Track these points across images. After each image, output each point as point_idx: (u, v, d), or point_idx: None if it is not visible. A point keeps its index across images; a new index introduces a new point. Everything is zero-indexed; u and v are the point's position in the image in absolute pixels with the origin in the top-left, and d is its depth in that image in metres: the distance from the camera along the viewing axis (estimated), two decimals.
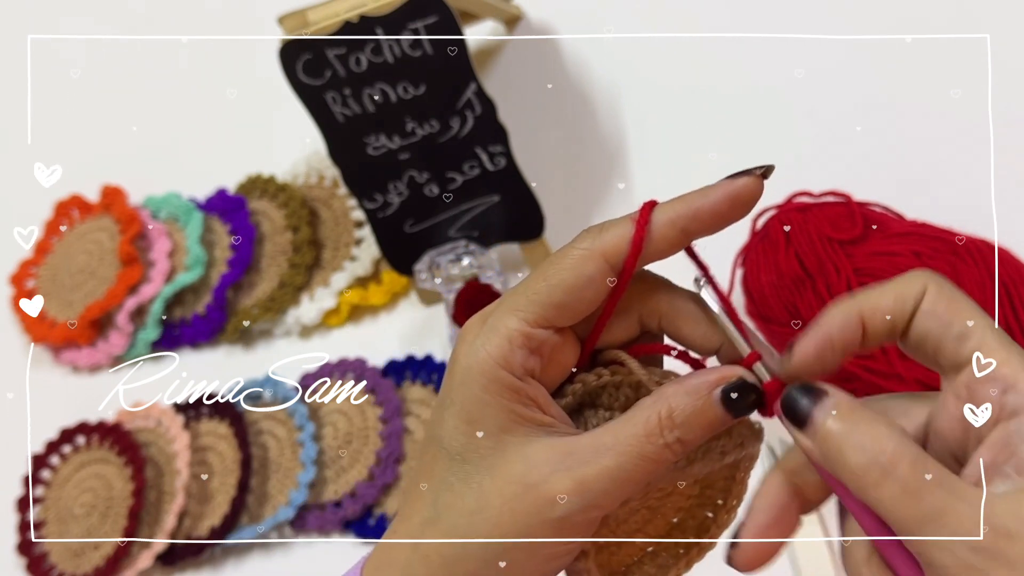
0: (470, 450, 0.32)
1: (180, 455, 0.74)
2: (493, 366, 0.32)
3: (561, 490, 0.31)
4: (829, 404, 0.30)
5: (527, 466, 0.31)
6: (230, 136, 0.90)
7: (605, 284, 0.33)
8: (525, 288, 0.33)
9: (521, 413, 0.32)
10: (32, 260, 0.87)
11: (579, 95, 0.85)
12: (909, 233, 0.64)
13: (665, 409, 0.32)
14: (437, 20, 0.69)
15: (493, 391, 0.32)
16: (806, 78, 0.80)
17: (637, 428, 0.32)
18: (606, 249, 0.32)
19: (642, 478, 0.32)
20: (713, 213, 0.32)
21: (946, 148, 0.75)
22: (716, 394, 0.32)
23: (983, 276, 0.60)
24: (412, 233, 0.77)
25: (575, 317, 0.33)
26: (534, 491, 0.31)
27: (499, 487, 0.31)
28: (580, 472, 0.31)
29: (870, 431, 0.29)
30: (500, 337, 0.32)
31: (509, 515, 0.31)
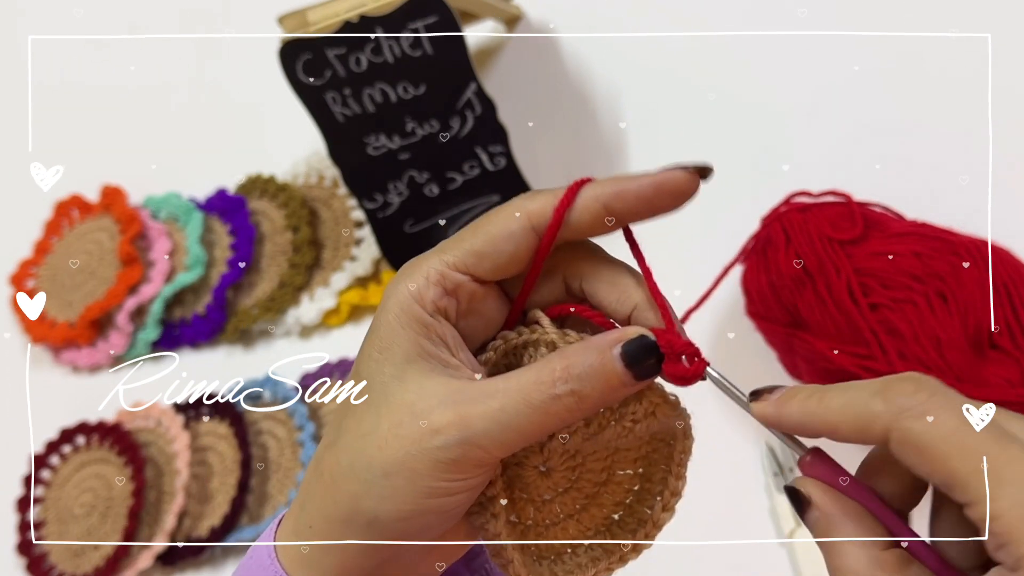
0: (376, 376, 0.34)
1: (180, 455, 0.74)
2: (407, 298, 0.33)
3: (442, 423, 0.32)
4: (812, 517, 0.32)
5: (418, 396, 0.32)
6: (230, 136, 0.90)
7: (526, 243, 0.34)
8: (454, 237, 0.35)
9: (427, 348, 0.33)
10: (32, 260, 0.87)
11: (579, 95, 0.85)
12: (909, 233, 0.64)
13: (562, 362, 0.32)
14: (437, 20, 0.69)
15: (403, 322, 0.33)
16: (807, 77, 0.80)
17: (530, 376, 0.32)
18: (531, 211, 0.34)
19: (527, 426, 0.32)
20: (637, 196, 0.33)
21: (946, 148, 0.75)
22: (616, 350, 0.32)
23: (983, 276, 0.60)
24: (412, 233, 0.77)
25: (496, 270, 0.34)
26: (418, 419, 0.32)
27: (390, 412, 0.33)
28: (464, 408, 0.32)
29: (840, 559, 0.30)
30: (419, 274, 0.34)
31: (394, 440, 0.32)
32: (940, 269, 0.61)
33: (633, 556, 0.38)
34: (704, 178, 0.33)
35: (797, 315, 0.65)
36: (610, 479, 0.38)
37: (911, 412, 0.29)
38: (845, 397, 0.30)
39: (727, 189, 0.78)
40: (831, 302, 0.63)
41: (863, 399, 0.30)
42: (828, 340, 0.63)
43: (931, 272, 0.61)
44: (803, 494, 0.32)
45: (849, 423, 0.30)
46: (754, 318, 0.68)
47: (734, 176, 0.78)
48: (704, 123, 0.82)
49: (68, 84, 0.93)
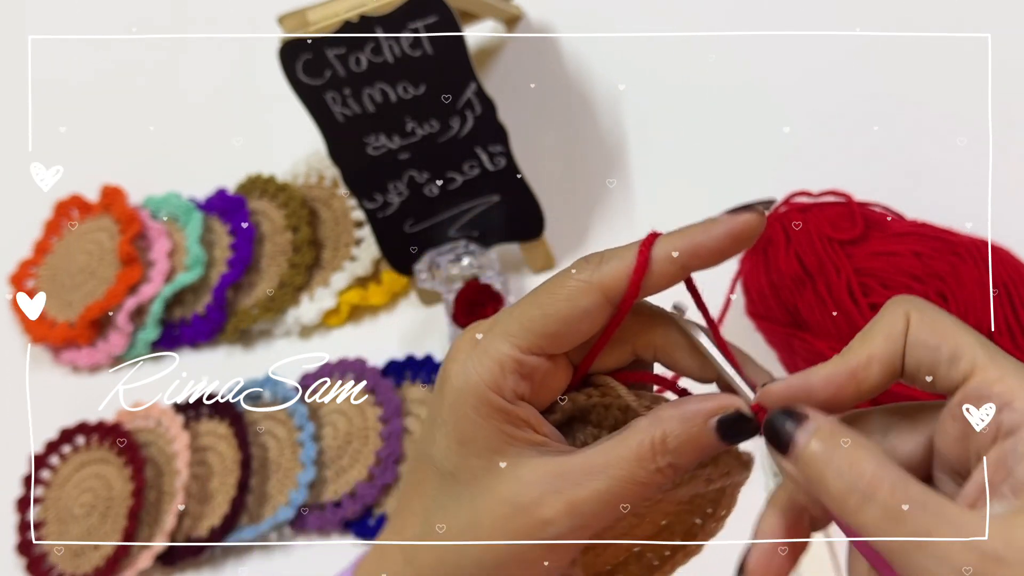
0: (462, 470, 0.32)
1: (180, 455, 0.74)
2: (484, 389, 0.32)
3: (552, 513, 0.31)
4: (810, 427, 0.30)
5: (519, 487, 0.32)
6: (230, 136, 0.89)
7: (601, 317, 0.33)
8: (520, 313, 0.33)
9: (512, 434, 0.32)
10: (32, 260, 0.87)
11: (579, 95, 0.85)
12: (909, 233, 0.64)
13: (659, 433, 0.32)
14: (437, 20, 0.69)
15: (484, 413, 0.32)
16: (806, 77, 0.80)
17: (630, 451, 0.32)
18: (604, 282, 0.32)
19: (632, 500, 0.32)
20: (714, 250, 0.32)
21: (946, 148, 0.75)
22: (712, 423, 0.32)
23: (983, 276, 0.60)
24: (412, 233, 0.77)
25: (567, 346, 0.33)
26: (525, 513, 0.31)
27: (490, 507, 0.32)
28: (571, 494, 0.31)
29: (850, 455, 0.29)
30: (492, 361, 0.32)
31: (501, 535, 0.32)
32: (940, 269, 0.61)
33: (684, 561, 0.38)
34: (768, 212, 0.33)
35: (797, 315, 0.65)
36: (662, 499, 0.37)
37: (923, 302, 0.31)
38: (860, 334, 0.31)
39: (727, 189, 0.78)
40: (831, 302, 0.63)
41: (877, 317, 0.31)
42: (828, 340, 0.63)
43: (931, 272, 0.61)
44: (800, 410, 0.30)
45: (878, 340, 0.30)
46: (754, 318, 0.68)
47: (734, 176, 0.79)
48: (704, 123, 0.82)
49: (68, 84, 0.93)
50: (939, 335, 0.30)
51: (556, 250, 0.79)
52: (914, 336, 0.30)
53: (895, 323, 0.31)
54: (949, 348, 0.29)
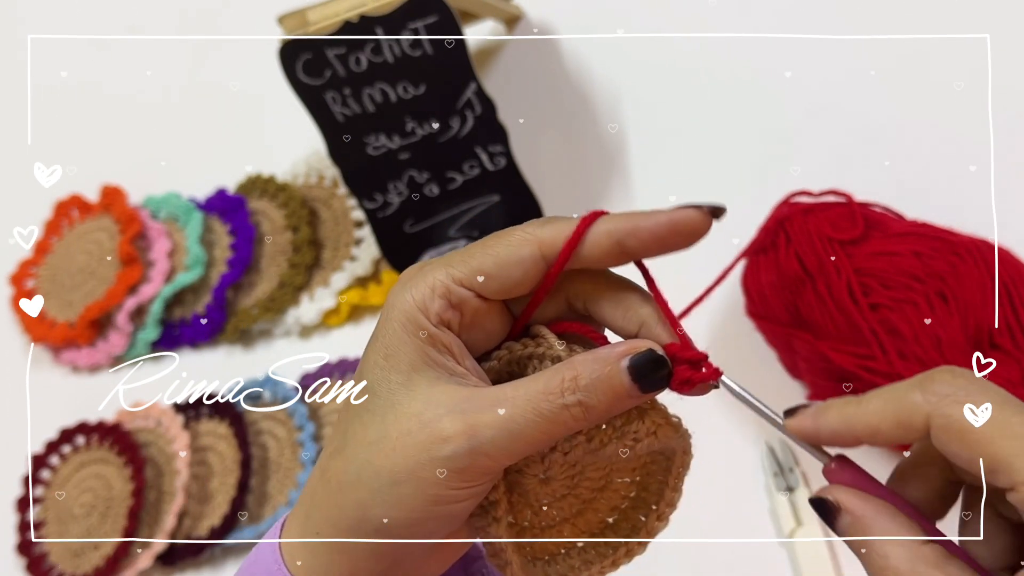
0: (381, 383, 0.34)
1: (180, 455, 0.74)
2: (412, 308, 0.34)
3: (451, 431, 0.32)
4: (843, 523, 0.32)
5: (425, 404, 0.33)
6: (230, 136, 0.90)
7: (534, 270, 0.34)
8: (463, 251, 0.35)
9: (433, 357, 0.33)
10: (32, 260, 0.87)
11: (579, 95, 0.85)
12: (909, 233, 0.64)
13: (570, 373, 0.33)
14: (437, 20, 0.69)
15: (409, 330, 0.33)
16: (806, 78, 0.80)
17: (538, 385, 0.33)
18: (543, 239, 0.34)
19: (535, 435, 0.32)
20: (651, 234, 0.33)
21: (946, 148, 0.75)
22: (624, 363, 0.32)
23: (983, 276, 0.60)
24: (412, 233, 0.77)
25: (500, 291, 0.34)
26: (427, 428, 0.32)
27: (398, 421, 0.33)
28: (472, 417, 0.32)
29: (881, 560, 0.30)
30: (425, 285, 0.34)
31: (401, 448, 0.32)
32: (940, 269, 0.61)
33: (626, 560, 0.38)
34: (717, 218, 0.33)
35: (797, 315, 0.65)
36: (607, 486, 0.38)
37: (951, 399, 0.29)
38: (883, 397, 0.31)
39: (727, 189, 0.78)
40: (831, 302, 0.63)
41: (901, 394, 0.31)
42: (828, 340, 0.63)
43: (931, 272, 0.61)
44: (831, 501, 0.32)
45: (890, 419, 0.31)
46: (754, 318, 0.68)
47: (734, 176, 0.79)
48: (704, 123, 0.82)
49: (68, 84, 0.93)
50: (968, 448, 0.29)
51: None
52: (941, 446, 0.30)
53: (911, 417, 0.30)
54: (987, 462, 0.29)
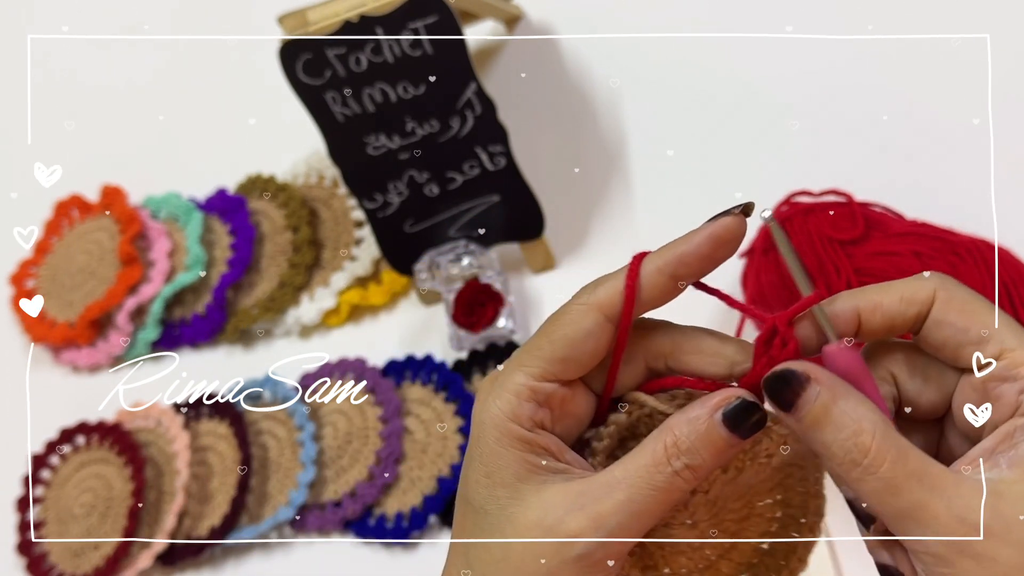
0: (490, 502, 0.34)
1: (180, 455, 0.74)
2: (503, 420, 0.34)
3: (577, 529, 0.32)
4: (812, 393, 0.31)
5: (543, 510, 0.33)
6: (230, 136, 0.90)
7: (605, 336, 0.34)
8: (530, 346, 0.35)
9: (534, 462, 0.33)
10: (32, 260, 0.87)
11: (579, 95, 0.85)
12: (909, 233, 0.64)
13: (670, 438, 0.33)
14: (437, 20, 0.69)
15: (505, 443, 0.34)
16: (806, 78, 0.80)
17: (645, 459, 0.33)
18: (601, 302, 0.34)
19: (657, 508, 0.33)
20: (699, 257, 0.33)
21: (946, 148, 0.75)
22: (717, 417, 0.33)
23: (983, 276, 0.60)
24: (412, 233, 0.77)
25: (580, 369, 0.35)
26: (551, 533, 0.32)
27: (519, 533, 0.33)
28: (593, 509, 0.32)
29: (852, 426, 0.31)
30: (508, 392, 0.34)
31: (531, 559, 0.32)
32: (940, 269, 0.61)
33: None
34: (748, 215, 0.34)
35: None
36: (751, 512, 0.38)
37: (953, 281, 0.33)
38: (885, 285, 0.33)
39: (727, 189, 0.78)
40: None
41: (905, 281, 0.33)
42: None
43: None
44: (800, 372, 0.32)
45: (894, 294, 0.33)
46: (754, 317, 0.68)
47: (734, 176, 0.79)
48: (704, 123, 0.82)
49: (68, 84, 0.93)
50: (967, 317, 0.32)
51: (556, 250, 0.79)
52: (941, 315, 0.32)
53: (918, 292, 0.32)
54: (977, 330, 0.31)
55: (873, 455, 0.30)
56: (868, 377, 0.33)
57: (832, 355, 0.33)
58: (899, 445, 0.30)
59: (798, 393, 0.31)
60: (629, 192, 0.80)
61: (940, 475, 0.30)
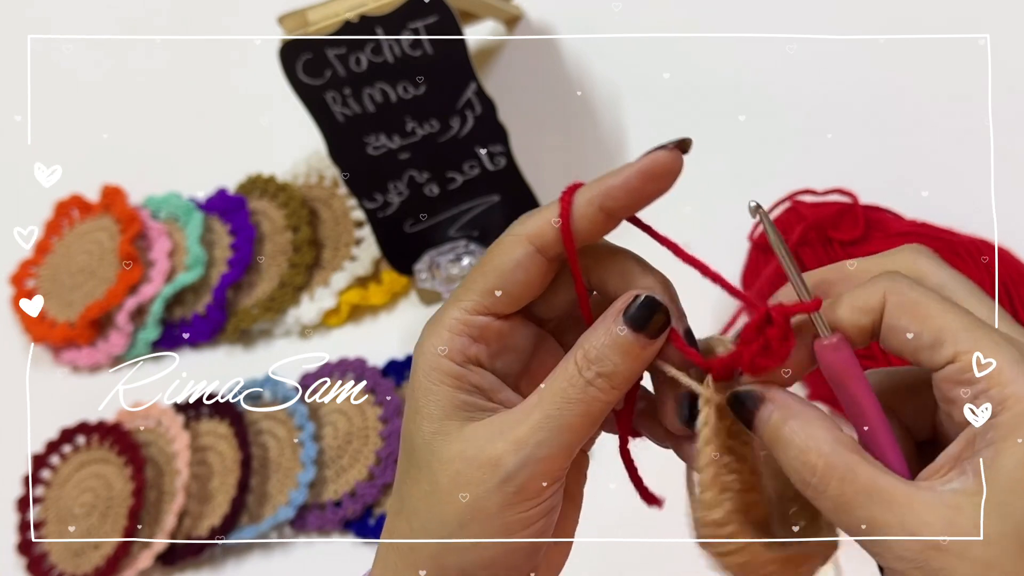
0: (416, 436, 0.33)
1: (180, 455, 0.74)
2: (434, 355, 0.34)
3: (499, 452, 0.32)
4: (766, 412, 0.31)
5: (465, 443, 0.33)
6: (230, 136, 0.90)
7: (535, 266, 0.34)
8: (464, 281, 0.35)
9: (462, 399, 0.33)
10: (32, 260, 0.87)
11: (579, 95, 0.85)
12: (909, 233, 0.64)
13: (580, 352, 0.33)
14: (437, 20, 0.69)
15: (435, 379, 0.33)
16: (806, 78, 0.80)
17: (558, 378, 0.33)
18: (531, 233, 0.34)
19: (577, 421, 0.32)
20: (627, 190, 0.33)
21: (946, 148, 0.75)
22: (620, 319, 0.33)
23: (983, 276, 0.60)
24: (412, 233, 0.77)
25: (513, 302, 0.34)
26: (474, 461, 0.32)
27: (444, 467, 0.33)
28: (512, 433, 0.32)
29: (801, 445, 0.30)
30: (442, 328, 0.34)
31: (455, 490, 0.32)
32: None
33: None
34: (685, 151, 0.33)
35: None
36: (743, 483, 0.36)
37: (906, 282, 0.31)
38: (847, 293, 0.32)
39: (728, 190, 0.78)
40: None
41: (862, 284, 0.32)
42: None
43: None
44: (756, 392, 0.32)
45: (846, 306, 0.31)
46: None
47: (734, 176, 0.79)
48: (704, 123, 0.82)
49: (68, 84, 0.93)
50: (918, 320, 0.30)
51: None
52: (892, 321, 0.31)
53: (869, 299, 0.31)
54: (930, 334, 0.30)
55: (820, 474, 0.29)
56: (858, 374, 0.32)
57: (823, 351, 0.32)
58: (849, 462, 0.29)
59: (753, 413, 0.32)
60: None
61: (892, 490, 0.29)
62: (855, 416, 0.32)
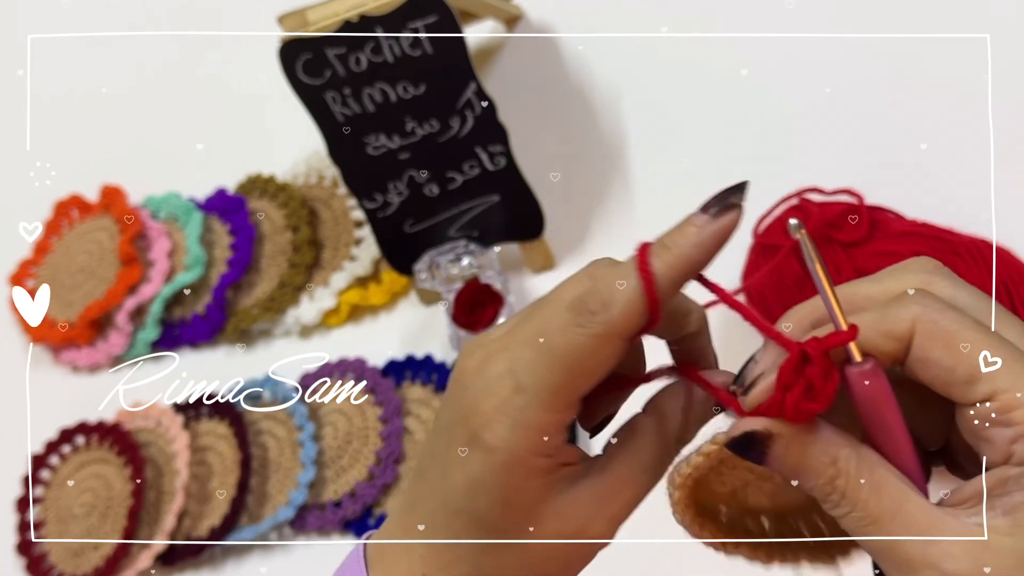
0: (507, 522, 0.33)
1: (180, 455, 0.74)
2: (529, 458, 0.32)
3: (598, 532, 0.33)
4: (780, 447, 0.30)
5: (563, 522, 0.33)
6: (230, 136, 0.89)
7: (620, 354, 0.32)
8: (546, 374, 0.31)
9: (552, 482, 0.33)
10: (32, 260, 0.87)
11: (579, 95, 0.85)
12: (909, 233, 0.64)
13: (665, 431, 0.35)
14: (437, 19, 0.69)
15: (530, 477, 0.32)
16: (806, 78, 0.80)
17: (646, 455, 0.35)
18: (618, 328, 0.31)
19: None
20: (708, 258, 0.32)
21: (946, 148, 0.75)
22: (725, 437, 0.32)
23: (982, 276, 0.60)
24: (412, 233, 0.77)
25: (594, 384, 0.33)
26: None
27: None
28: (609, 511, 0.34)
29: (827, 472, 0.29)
30: (534, 431, 0.31)
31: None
32: None
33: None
34: (744, 198, 0.32)
35: None
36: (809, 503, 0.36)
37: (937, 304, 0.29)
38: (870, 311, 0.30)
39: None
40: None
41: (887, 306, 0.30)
42: None
43: None
44: (760, 431, 0.30)
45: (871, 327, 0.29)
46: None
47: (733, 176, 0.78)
48: (704, 123, 0.82)
49: (68, 83, 0.93)
50: (952, 354, 0.28)
51: (556, 250, 0.79)
52: (922, 353, 0.29)
53: (896, 324, 0.29)
54: (964, 370, 0.28)
55: (848, 497, 0.29)
56: (892, 402, 0.30)
57: (855, 379, 0.30)
58: (875, 481, 0.29)
59: (764, 452, 0.30)
60: (629, 192, 0.80)
61: (918, 515, 0.28)
62: (884, 444, 0.30)
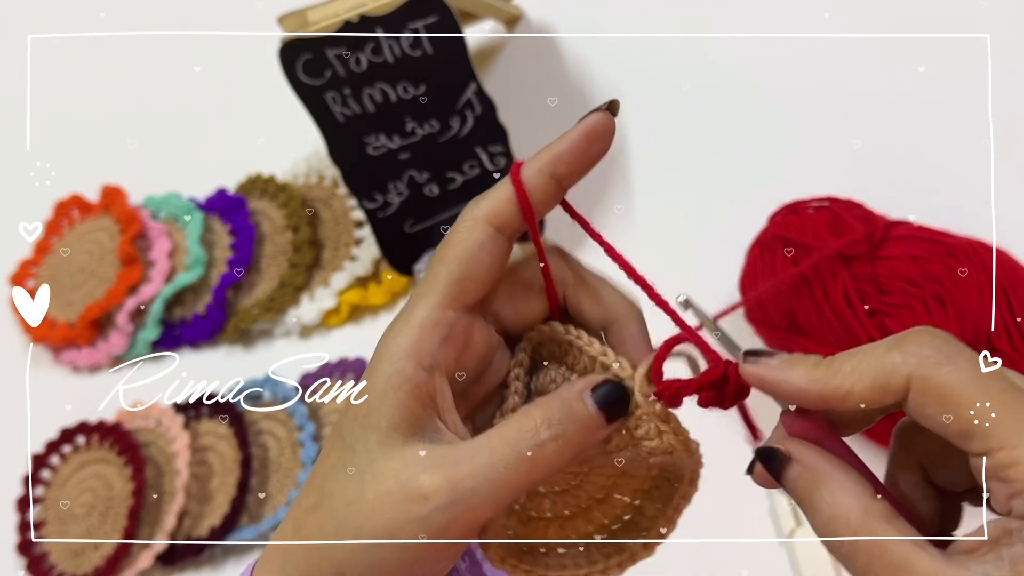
0: (359, 441, 0.32)
1: (180, 455, 0.74)
2: (401, 358, 0.32)
3: (430, 487, 0.31)
4: (793, 473, 0.31)
5: (403, 464, 0.31)
6: (230, 136, 0.89)
7: (498, 248, 0.33)
8: (428, 274, 0.34)
9: (415, 413, 0.32)
10: (32, 260, 0.87)
11: (579, 95, 0.85)
12: (907, 236, 0.64)
13: (542, 411, 0.32)
14: (437, 20, 0.69)
15: (395, 384, 0.32)
16: (806, 78, 0.80)
17: (511, 428, 0.32)
18: (487, 214, 0.33)
19: (518, 479, 0.31)
20: (575, 153, 0.33)
21: (945, 149, 0.75)
22: (588, 392, 0.32)
23: (981, 279, 0.60)
24: (412, 233, 0.77)
25: (479, 287, 0.34)
26: (405, 486, 0.31)
27: (376, 480, 0.32)
28: (451, 470, 0.31)
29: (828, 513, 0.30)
30: (412, 327, 0.33)
31: (380, 509, 0.31)
32: (937, 273, 0.61)
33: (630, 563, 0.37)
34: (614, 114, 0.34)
35: (794, 320, 0.65)
36: (607, 499, 0.37)
37: (931, 359, 0.28)
38: (856, 358, 0.30)
39: (729, 191, 0.78)
40: (828, 308, 0.62)
41: (878, 355, 0.29)
42: (826, 346, 0.62)
43: (928, 276, 0.61)
44: (782, 451, 0.31)
45: (865, 382, 0.29)
46: (753, 323, 0.68)
47: (733, 176, 0.79)
48: (704, 123, 0.82)
49: (68, 84, 0.93)
50: (948, 409, 0.28)
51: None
52: (918, 407, 0.29)
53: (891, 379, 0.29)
54: (959, 427, 0.28)
55: (848, 545, 0.29)
56: (827, 439, 0.31)
57: (788, 424, 0.32)
58: (878, 534, 0.29)
59: (780, 472, 0.31)
60: (629, 192, 0.80)
61: (922, 568, 0.28)
62: None
